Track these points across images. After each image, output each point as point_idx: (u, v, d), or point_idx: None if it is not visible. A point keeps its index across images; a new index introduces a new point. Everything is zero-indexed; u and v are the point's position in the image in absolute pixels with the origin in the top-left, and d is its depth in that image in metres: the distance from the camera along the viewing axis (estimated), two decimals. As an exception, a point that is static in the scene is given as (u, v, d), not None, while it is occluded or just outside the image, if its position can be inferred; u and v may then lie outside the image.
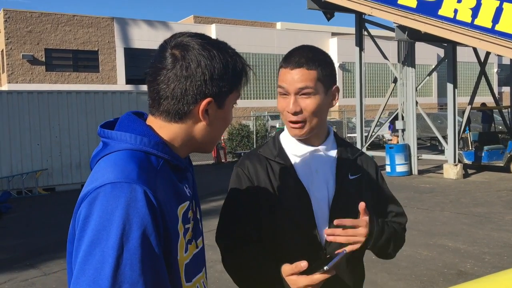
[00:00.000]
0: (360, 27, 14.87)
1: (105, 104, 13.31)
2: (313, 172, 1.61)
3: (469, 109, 14.03)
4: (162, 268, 1.04)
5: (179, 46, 1.15)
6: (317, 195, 1.59)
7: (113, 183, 1.01)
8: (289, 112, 1.54)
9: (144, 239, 0.99)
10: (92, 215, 0.99)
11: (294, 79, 1.51)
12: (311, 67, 1.51)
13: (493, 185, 11.55)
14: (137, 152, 1.10)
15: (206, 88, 1.13)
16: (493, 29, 10.19)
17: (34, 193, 12.44)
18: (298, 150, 1.63)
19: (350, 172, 1.65)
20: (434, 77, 40.56)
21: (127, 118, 1.18)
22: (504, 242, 6.61)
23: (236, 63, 1.19)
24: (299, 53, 1.54)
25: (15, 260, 6.55)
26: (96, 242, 0.97)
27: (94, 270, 0.96)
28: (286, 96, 1.54)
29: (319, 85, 1.53)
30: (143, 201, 1.01)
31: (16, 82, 27.67)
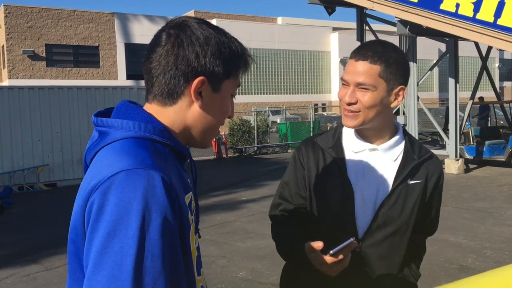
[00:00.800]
0: (361, 22, 14.83)
1: (106, 100, 13.31)
2: (366, 170, 1.59)
3: (471, 103, 14.00)
4: (180, 258, 0.99)
5: (175, 25, 1.12)
6: (365, 193, 1.58)
7: (127, 170, 0.95)
8: (344, 102, 1.54)
9: (164, 228, 0.93)
10: (107, 205, 0.92)
11: (356, 71, 1.50)
12: (376, 62, 1.48)
13: (495, 180, 11.54)
14: (143, 140, 1.04)
15: (199, 65, 1.08)
16: (495, 24, 10.15)
17: (35, 189, 12.45)
18: (356, 146, 1.62)
19: (410, 177, 1.60)
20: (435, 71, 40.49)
21: (125, 106, 1.13)
22: (505, 236, 6.61)
23: (233, 45, 1.13)
24: (369, 46, 1.53)
25: (17, 255, 6.57)
26: (114, 234, 0.90)
27: (114, 264, 0.89)
28: (347, 86, 1.54)
29: (380, 82, 1.49)
30: (161, 188, 0.94)
31: (17, 77, 27.67)
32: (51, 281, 5.54)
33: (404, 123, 14.08)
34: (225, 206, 9.12)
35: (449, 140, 13.16)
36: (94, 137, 1.10)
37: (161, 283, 0.91)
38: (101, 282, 0.89)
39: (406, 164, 1.60)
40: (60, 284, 5.41)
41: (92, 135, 1.12)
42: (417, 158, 1.62)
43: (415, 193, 1.60)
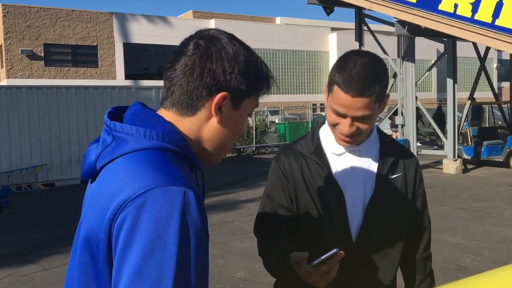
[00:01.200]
0: (360, 22, 14.84)
1: (104, 100, 13.30)
2: (351, 171, 1.59)
3: (469, 104, 14.02)
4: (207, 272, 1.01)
5: (205, 37, 1.10)
6: (353, 194, 1.58)
7: (163, 187, 0.92)
8: (342, 134, 1.50)
9: (198, 246, 0.93)
10: (141, 223, 0.89)
11: (355, 107, 1.44)
12: (372, 93, 1.43)
13: (493, 180, 11.56)
14: (165, 151, 1.02)
15: (224, 80, 1.06)
16: (493, 24, 10.17)
17: (33, 188, 12.44)
18: (337, 149, 1.61)
19: (391, 171, 1.62)
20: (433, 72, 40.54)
21: (143, 111, 1.07)
22: (503, 237, 6.62)
23: (260, 66, 1.13)
24: (360, 76, 1.42)
25: (15, 255, 6.56)
26: (151, 253, 0.88)
27: (153, 284, 0.87)
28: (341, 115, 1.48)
29: (376, 106, 1.48)
30: (195, 206, 0.94)
31: (15, 77, 27.63)
32: (49, 281, 5.53)
33: (402, 123, 14.10)
34: (223, 206, 9.12)
35: (447, 141, 13.18)
36: (106, 141, 1.04)
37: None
38: None
39: (385, 160, 1.62)
40: (58, 284, 5.40)
41: (102, 137, 1.07)
42: (394, 153, 1.64)
43: (398, 186, 1.62)
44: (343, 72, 1.44)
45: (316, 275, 1.34)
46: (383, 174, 1.60)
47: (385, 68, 1.49)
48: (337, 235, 1.56)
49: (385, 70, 1.48)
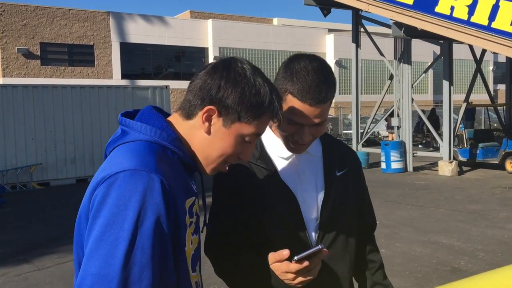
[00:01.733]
0: (356, 24, 14.87)
1: (100, 99, 13.25)
2: (300, 173, 1.56)
3: (465, 106, 14.07)
4: (169, 255, 1.10)
5: (224, 59, 1.25)
6: (305, 196, 1.54)
7: (132, 170, 1.07)
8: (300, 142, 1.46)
9: (156, 226, 1.05)
10: (108, 198, 1.05)
11: (313, 115, 1.42)
12: (329, 98, 1.43)
13: (488, 182, 11.59)
14: (155, 144, 1.17)
15: (216, 96, 1.19)
16: (490, 27, 10.20)
17: (28, 188, 12.39)
18: (283, 152, 1.56)
19: (337, 169, 1.61)
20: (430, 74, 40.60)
21: (148, 111, 1.25)
22: (498, 239, 6.63)
23: (262, 97, 1.21)
24: (316, 84, 1.39)
25: (8, 255, 6.52)
26: (111, 224, 1.02)
27: (107, 251, 1.01)
28: (297, 125, 1.44)
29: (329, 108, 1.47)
30: (159, 191, 1.06)
31: (11, 76, 27.52)
32: (42, 281, 5.50)
33: (398, 125, 14.13)
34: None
35: (442, 143, 13.21)
36: (117, 132, 1.23)
37: (147, 273, 1.03)
38: (95, 264, 1.02)
39: (330, 158, 1.61)
40: (51, 284, 5.37)
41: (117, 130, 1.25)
42: (337, 150, 1.64)
43: (346, 182, 1.61)
44: (296, 80, 1.40)
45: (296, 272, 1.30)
46: (331, 173, 1.58)
47: (332, 70, 1.48)
48: (295, 239, 1.51)
49: (332, 72, 1.48)
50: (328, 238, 1.55)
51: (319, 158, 1.60)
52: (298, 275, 1.31)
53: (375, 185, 11.34)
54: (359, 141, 15.28)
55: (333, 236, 1.56)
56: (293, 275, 1.31)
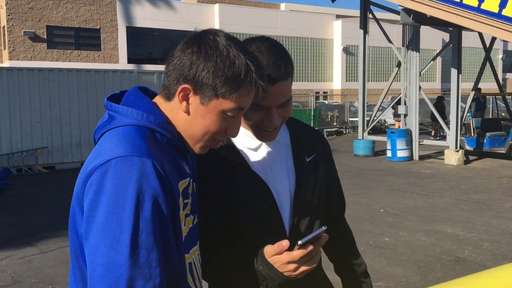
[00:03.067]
0: (365, 10, 14.69)
1: (106, 83, 13.23)
2: (271, 163, 1.51)
3: (473, 95, 13.93)
4: (171, 237, 1.11)
5: (197, 34, 1.20)
6: (277, 186, 1.50)
7: (124, 156, 1.06)
8: (270, 125, 1.40)
9: (156, 208, 1.06)
10: (105, 187, 1.04)
11: (276, 95, 1.35)
12: (288, 75, 1.38)
13: (494, 172, 11.51)
14: (143, 128, 1.16)
15: (189, 73, 1.15)
16: (500, 14, 10.03)
17: (34, 171, 12.44)
18: (250, 143, 1.50)
19: (306, 154, 1.57)
20: (438, 62, 40.28)
21: (134, 94, 1.23)
22: (503, 229, 6.59)
23: (237, 69, 1.15)
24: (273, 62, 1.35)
25: (12, 238, 6.56)
26: (112, 213, 1.03)
27: (112, 239, 1.02)
28: (262, 109, 1.38)
29: (291, 87, 1.42)
30: (154, 174, 1.06)
31: (17, 59, 27.54)
32: (46, 264, 5.53)
33: (405, 113, 14.02)
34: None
35: (449, 131, 13.11)
36: (104, 117, 1.21)
37: (154, 255, 1.04)
38: (102, 254, 1.02)
39: (298, 143, 1.57)
40: (55, 267, 5.40)
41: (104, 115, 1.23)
42: (304, 135, 1.60)
43: (316, 167, 1.58)
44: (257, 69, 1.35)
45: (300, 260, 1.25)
46: (300, 159, 1.54)
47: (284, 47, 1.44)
48: (273, 231, 1.46)
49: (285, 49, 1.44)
50: (303, 225, 1.52)
51: (288, 145, 1.56)
52: (301, 264, 1.26)
53: (380, 174, 11.29)
54: (365, 128, 15.19)
55: (307, 222, 1.53)
56: (295, 265, 1.26)
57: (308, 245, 1.23)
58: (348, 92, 29.69)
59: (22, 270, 5.36)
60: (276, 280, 1.32)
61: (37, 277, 5.13)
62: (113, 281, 1.01)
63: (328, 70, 38.38)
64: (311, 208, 1.54)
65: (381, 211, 7.46)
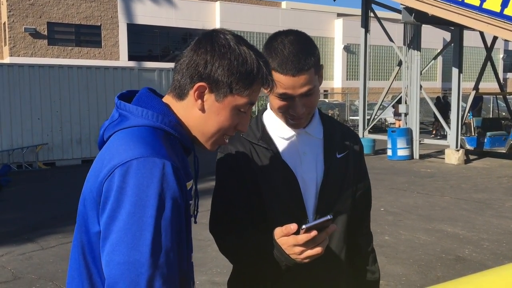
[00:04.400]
0: (366, 8, 14.67)
1: (107, 80, 13.22)
2: (301, 154, 1.58)
3: (473, 94, 13.92)
4: (185, 236, 1.15)
5: (207, 33, 1.23)
6: (305, 177, 1.56)
7: (146, 158, 1.08)
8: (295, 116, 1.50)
9: (175, 210, 1.08)
10: (127, 187, 1.05)
11: (298, 85, 1.45)
12: (310, 67, 1.45)
13: (494, 171, 11.51)
14: (158, 130, 1.17)
15: (204, 72, 1.18)
16: (502, 13, 10.02)
17: (34, 167, 12.44)
18: (284, 133, 1.58)
19: (337, 151, 1.62)
20: (439, 61, 40.22)
21: (146, 94, 1.24)
22: (503, 228, 6.59)
23: (250, 65, 1.19)
24: (293, 54, 1.44)
25: (13, 234, 6.56)
26: (134, 213, 1.04)
27: (133, 239, 1.03)
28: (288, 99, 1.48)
29: (316, 78, 1.49)
30: (172, 176, 1.08)
31: (18, 55, 27.51)
32: (46, 260, 5.53)
33: (405, 112, 14.01)
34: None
35: (450, 130, 13.10)
36: (114, 116, 1.22)
37: (173, 255, 1.07)
38: (123, 252, 1.03)
39: (330, 139, 1.62)
40: (55, 264, 5.40)
41: (112, 114, 1.23)
42: (338, 133, 1.64)
43: (345, 165, 1.62)
44: (275, 55, 1.45)
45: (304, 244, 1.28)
46: (331, 154, 1.59)
47: (312, 40, 1.51)
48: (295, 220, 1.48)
49: (312, 42, 1.51)
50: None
51: (320, 140, 1.61)
52: (306, 248, 1.30)
53: (381, 172, 11.29)
54: (365, 127, 15.19)
55: None
56: (300, 249, 1.29)
57: (313, 230, 1.26)
58: (348, 90, 29.69)
59: (23, 266, 5.36)
60: (283, 261, 1.37)
61: (38, 273, 5.13)
62: (133, 280, 1.02)
63: (329, 69, 38.34)
64: (336, 203, 1.59)
65: (382, 210, 7.46)
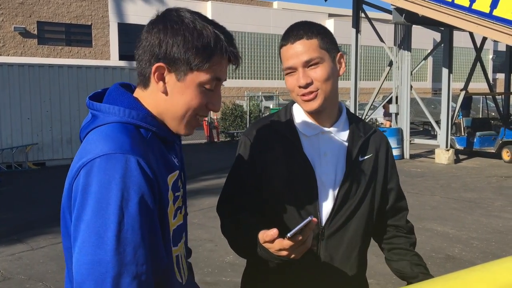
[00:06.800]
0: (357, 9, 14.71)
1: (97, 80, 13.15)
2: (321, 155, 1.55)
3: (463, 94, 14.02)
4: (158, 232, 1.11)
5: (159, 14, 1.19)
6: (323, 178, 1.54)
7: (108, 154, 1.05)
8: (300, 87, 1.47)
9: (142, 205, 1.05)
10: (90, 186, 1.04)
11: (297, 52, 1.46)
12: (311, 37, 1.47)
13: (484, 171, 11.61)
14: (127, 125, 1.14)
15: (160, 52, 1.14)
16: (491, 14, 10.10)
17: (24, 168, 12.34)
18: (308, 130, 1.57)
19: (361, 154, 1.59)
20: (429, 61, 40.47)
21: (115, 90, 1.21)
22: (492, 227, 6.64)
23: (206, 38, 1.14)
24: (296, 28, 1.50)
25: (2, 234, 6.50)
26: (97, 211, 1.02)
27: (97, 237, 1.01)
28: (294, 73, 1.49)
29: (324, 53, 1.48)
30: (138, 170, 1.06)
31: (7, 54, 27.28)
32: (36, 260, 5.49)
33: (396, 112, 14.08)
34: (214, 191, 9.08)
35: (440, 130, 13.19)
36: (88, 117, 1.21)
37: (141, 252, 1.04)
38: (88, 252, 1.02)
39: (355, 142, 1.58)
40: (45, 264, 5.37)
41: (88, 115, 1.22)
42: (364, 135, 1.61)
43: (369, 168, 1.59)
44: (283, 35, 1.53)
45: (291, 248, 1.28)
46: (354, 157, 1.57)
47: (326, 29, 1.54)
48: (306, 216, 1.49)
49: (325, 28, 1.54)
50: (339, 221, 1.54)
51: (344, 141, 1.59)
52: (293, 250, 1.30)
53: (372, 172, 11.34)
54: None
55: (343, 219, 1.55)
56: (286, 252, 1.29)
57: (298, 236, 1.25)
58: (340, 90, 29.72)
59: (12, 267, 5.32)
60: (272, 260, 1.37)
61: (27, 274, 5.10)
62: (99, 278, 1.00)
63: (320, 69, 38.46)
64: (352, 205, 1.56)
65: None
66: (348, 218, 1.55)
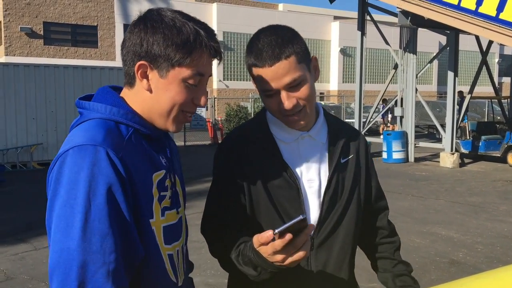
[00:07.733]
0: (362, 11, 14.69)
1: (102, 80, 13.18)
2: (303, 159, 1.50)
3: (469, 98, 13.96)
4: (131, 224, 1.11)
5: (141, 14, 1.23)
6: (308, 184, 1.49)
7: (79, 146, 1.09)
8: (286, 109, 1.39)
9: (110, 195, 1.07)
10: (62, 176, 1.08)
11: (277, 75, 1.35)
12: (288, 55, 1.36)
13: (489, 175, 11.54)
14: (108, 121, 1.17)
15: (142, 50, 1.17)
16: (497, 18, 10.06)
17: (28, 167, 12.38)
18: (287, 136, 1.51)
19: (342, 155, 1.54)
20: (434, 65, 40.39)
21: (102, 90, 1.26)
22: (497, 232, 6.60)
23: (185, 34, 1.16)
24: (268, 45, 1.36)
25: (6, 234, 6.52)
26: (67, 200, 1.05)
27: (65, 226, 1.04)
28: (274, 95, 1.39)
29: (302, 67, 1.39)
30: (107, 161, 1.08)
31: (13, 54, 27.42)
32: (39, 260, 5.50)
33: (401, 115, 14.04)
34: (218, 192, 9.08)
35: (445, 134, 13.13)
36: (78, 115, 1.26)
37: (109, 241, 1.06)
38: (57, 240, 1.05)
39: (336, 143, 1.54)
40: (48, 264, 5.37)
41: None
42: (343, 135, 1.56)
43: (349, 169, 1.55)
44: (251, 51, 1.40)
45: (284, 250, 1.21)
46: (335, 159, 1.52)
47: (294, 31, 1.43)
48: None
49: (294, 32, 1.42)
50: (329, 225, 1.50)
51: (324, 144, 1.53)
52: (287, 254, 1.23)
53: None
54: (361, 130, 15.20)
55: (332, 226, 1.50)
56: (281, 256, 1.22)
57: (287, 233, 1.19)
58: (344, 93, 29.74)
59: (15, 266, 5.33)
60: (267, 269, 1.30)
61: (30, 274, 5.10)
62: (66, 266, 1.04)
63: (325, 71, 38.40)
64: (339, 209, 1.52)
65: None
66: (336, 223, 1.51)
